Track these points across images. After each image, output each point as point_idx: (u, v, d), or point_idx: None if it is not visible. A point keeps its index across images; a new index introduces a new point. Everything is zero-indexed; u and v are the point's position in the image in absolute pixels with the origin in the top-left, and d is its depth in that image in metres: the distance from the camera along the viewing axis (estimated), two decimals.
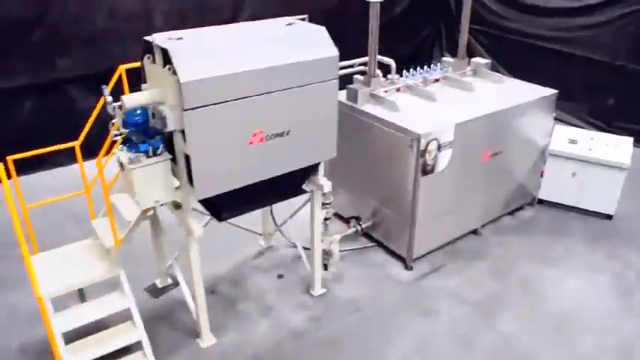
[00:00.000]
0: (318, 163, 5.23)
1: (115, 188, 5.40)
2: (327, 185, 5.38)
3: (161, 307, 5.82)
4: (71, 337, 4.88)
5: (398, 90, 6.81)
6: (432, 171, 5.90)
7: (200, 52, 4.20)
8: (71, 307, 5.03)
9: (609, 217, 7.23)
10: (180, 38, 4.30)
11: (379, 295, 5.97)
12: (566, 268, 6.42)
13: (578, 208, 7.34)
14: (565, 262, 6.52)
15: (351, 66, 6.84)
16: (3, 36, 7.87)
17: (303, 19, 5.02)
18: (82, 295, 5.53)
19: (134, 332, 5.00)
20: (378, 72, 6.77)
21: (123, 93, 4.73)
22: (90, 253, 5.28)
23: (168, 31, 4.59)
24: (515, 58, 10.48)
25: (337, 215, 7.25)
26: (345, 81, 6.72)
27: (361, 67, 6.81)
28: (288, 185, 5.10)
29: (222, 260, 6.48)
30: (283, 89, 4.49)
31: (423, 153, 5.71)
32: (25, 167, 8.01)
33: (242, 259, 6.53)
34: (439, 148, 5.84)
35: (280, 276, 6.25)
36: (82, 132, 5.25)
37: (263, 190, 4.86)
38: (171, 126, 4.26)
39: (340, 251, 6.51)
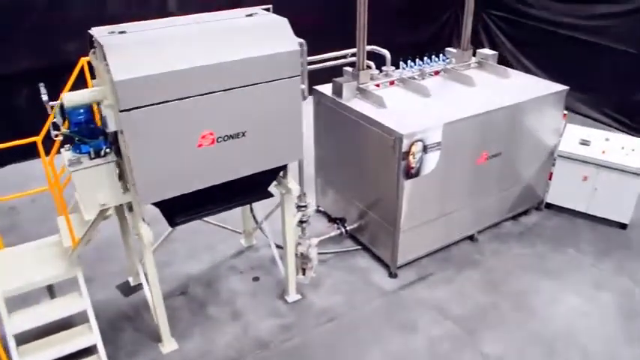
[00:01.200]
0: (284, 166, 4.86)
1: None
2: (296, 189, 5.02)
3: (130, 307, 5.64)
4: (27, 337, 4.77)
5: (392, 83, 6.33)
6: (416, 174, 5.44)
7: (141, 48, 3.89)
8: (27, 308, 4.89)
9: (623, 226, 6.57)
10: (122, 32, 4.01)
11: (357, 304, 5.60)
12: (567, 282, 5.85)
13: (589, 215, 6.71)
14: (567, 275, 5.96)
15: (344, 57, 6.42)
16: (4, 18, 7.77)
17: (267, 10, 4.62)
18: (51, 291, 5.43)
19: (89, 336, 4.84)
20: (371, 64, 6.33)
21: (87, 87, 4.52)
22: (52, 251, 5.12)
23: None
24: (537, 47, 9.74)
25: (326, 215, 6.90)
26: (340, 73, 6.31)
27: (354, 59, 6.34)
28: (249, 189, 4.77)
29: (199, 259, 6.26)
30: (235, 87, 4.13)
31: (405, 155, 5.25)
32: (18, 155, 8.09)
33: (220, 258, 6.27)
34: (425, 149, 5.36)
35: (256, 278, 5.96)
36: (44, 127, 5.06)
37: (220, 194, 4.56)
38: (112, 127, 4.00)
39: (324, 253, 6.22)
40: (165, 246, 6.14)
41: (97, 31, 4.02)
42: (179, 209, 4.54)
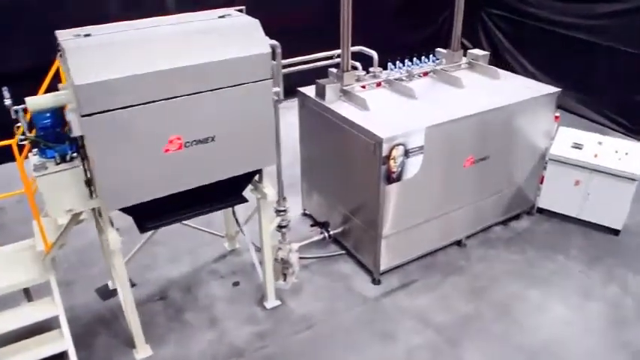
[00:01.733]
0: (257, 171, 4.75)
1: None
2: (271, 194, 4.91)
3: (107, 311, 5.57)
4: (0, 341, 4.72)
5: (378, 85, 6.19)
6: (398, 179, 5.30)
7: (104, 51, 3.78)
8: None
9: (616, 232, 6.38)
10: (88, 35, 3.91)
11: (337, 311, 5.48)
12: (555, 291, 5.69)
13: (582, 221, 6.52)
14: (555, 283, 5.79)
15: (331, 57, 6.28)
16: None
17: (240, 10, 4.51)
18: (28, 294, 5.38)
19: (61, 342, 4.77)
20: (357, 65, 6.20)
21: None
22: (27, 255, 5.06)
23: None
24: (536, 46, 9.52)
25: (312, 218, 6.78)
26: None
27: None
28: (222, 194, 4.67)
29: (180, 262, 6.17)
30: (202, 91, 4.02)
31: (386, 159, 5.12)
32: (7, 156, 8.03)
33: (201, 262, 6.18)
34: (406, 153, 5.22)
35: (236, 283, 5.87)
36: (19, 130, 4.99)
37: (192, 199, 4.46)
38: (76, 131, 3.91)
39: (306, 258, 6.11)
40: (148, 249, 6.06)
41: (62, 34, 3.93)
42: (149, 215, 4.45)
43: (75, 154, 4.17)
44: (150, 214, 4.44)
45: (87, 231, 5.75)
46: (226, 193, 4.72)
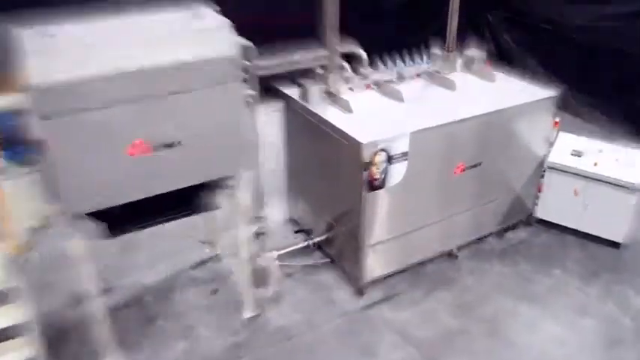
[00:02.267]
0: (231, 176, 4.57)
1: None
2: (246, 200, 4.72)
3: (81, 316, 5.42)
4: None
5: (368, 87, 5.96)
6: (380, 186, 5.07)
7: (63, 52, 3.60)
8: None
9: (616, 245, 6.06)
10: (53, 35, 3.75)
11: (317, 323, 5.26)
12: (549, 307, 5.39)
13: (581, 232, 6.20)
14: (549, 299, 5.50)
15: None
16: None
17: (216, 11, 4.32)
18: (3, 298, 5.27)
19: (28, 348, 4.63)
20: (345, 65, 5.97)
21: None
22: None
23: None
24: (542, 49, 9.19)
25: (298, 224, 6.57)
26: None
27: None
28: (193, 200, 4.49)
29: (159, 267, 5.99)
30: (166, 94, 3.85)
31: (367, 165, 4.89)
32: None
33: (181, 267, 6.01)
34: (389, 160, 4.99)
35: (215, 291, 5.69)
36: None
37: (159, 205, 4.30)
38: (36, 134, 3.76)
39: (289, 266, 5.91)
40: (127, 252, 5.93)
41: (26, 34, 3.78)
42: (114, 221, 4.28)
43: (38, 157, 4.02)
44: (114, 220, 4.27)
45: None
46: (196, 200, 4.54)
